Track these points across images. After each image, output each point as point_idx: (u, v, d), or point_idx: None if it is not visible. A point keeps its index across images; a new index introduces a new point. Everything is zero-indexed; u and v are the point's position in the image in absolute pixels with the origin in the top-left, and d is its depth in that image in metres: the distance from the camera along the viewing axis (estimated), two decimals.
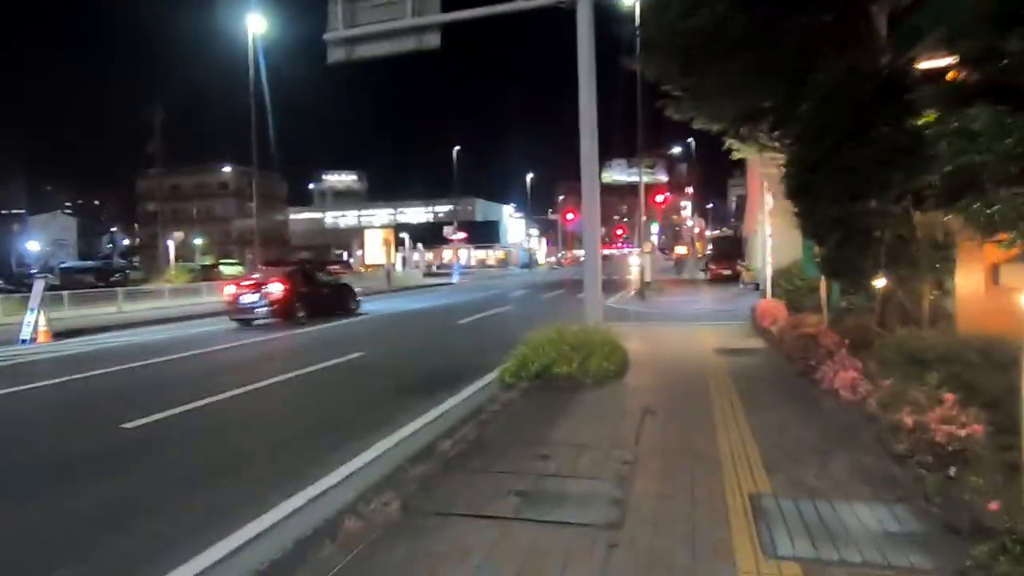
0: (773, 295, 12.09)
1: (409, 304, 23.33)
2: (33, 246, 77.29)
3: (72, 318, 18.37)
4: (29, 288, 16.84)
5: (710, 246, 58.88)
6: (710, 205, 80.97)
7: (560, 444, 4.90)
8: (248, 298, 16.01)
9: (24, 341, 14.39)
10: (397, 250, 55.64)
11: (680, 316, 16.08)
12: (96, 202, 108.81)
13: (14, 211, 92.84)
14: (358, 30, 10.38)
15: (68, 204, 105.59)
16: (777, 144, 10.15)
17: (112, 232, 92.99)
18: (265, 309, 15.83)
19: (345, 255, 64.47)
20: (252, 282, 16.48)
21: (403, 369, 9.75)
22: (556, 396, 6.55)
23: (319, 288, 17.81)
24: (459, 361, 10.07)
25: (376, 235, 62.03)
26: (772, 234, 12.78)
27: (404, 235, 53.51)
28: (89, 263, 66.97)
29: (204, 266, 54.48)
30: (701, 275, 34.69)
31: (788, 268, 12.64)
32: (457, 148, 51.90)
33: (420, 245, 53.05)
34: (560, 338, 7.46)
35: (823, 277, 8.45)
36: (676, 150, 63.12)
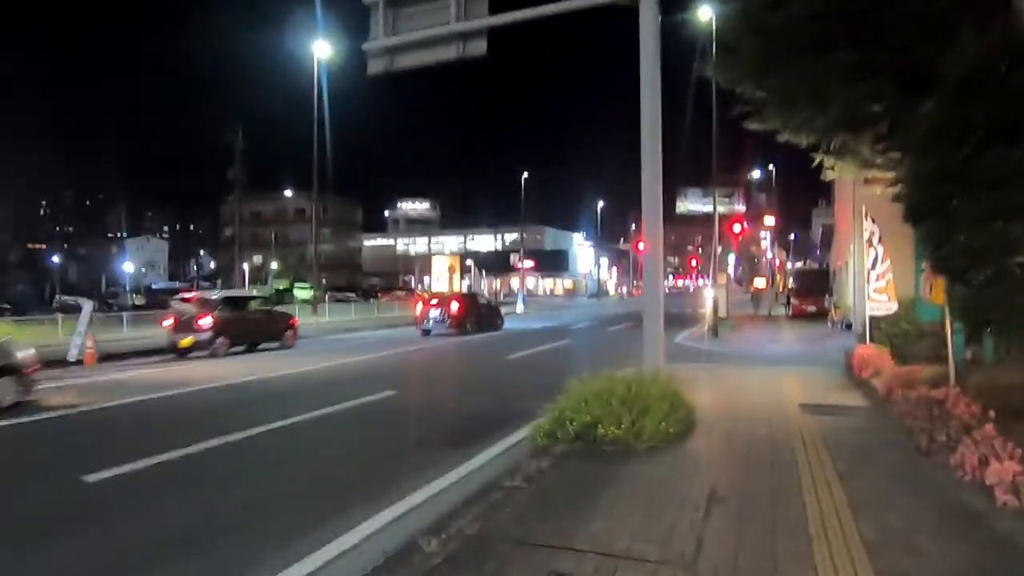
0: (872, 339, 10.23)
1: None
2: (128, 267, 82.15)
3: (122, 339, 18.27)
4: (111, 308, 17.06)
5: (792, 280, 55.44)
6: (792, 236, 76.82)
7: (588, 551, 3.54)
8: (433, 313, 21.49)
9: (73, 363, 14.20)
10: (463, 277, 55.19)
11: (758, 358, 14.26)
12: (190, 226, 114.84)
13: (115, 235, 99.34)
14: (398, 39, 9.52)
15: (165, 229, 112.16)
16: (880, 159, 8.51)
17: (200, 255, 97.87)
18: (444, 323, 21.39)
19: (412, 281, 64.79)
20: (436, 302, 22.15)
21: (433, 412, 8.60)
22: (597, 468, 5.17)
23: (480, 309, 23.63)
24: (497, 405, 8.84)
25: (443, 262, 61.96)
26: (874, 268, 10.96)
27: (470, 262, 53.00)
28: (176, 284, 70.35)
29: (279, 290, 56.03)
30: (781, 311, 32.12)
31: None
32: (525, 175, 51.16)
33: (484, 272, 52.36)
34: (610, 388, 6.09)
35: (948, 322, 6.74)
36: (756, 174, 60.20)
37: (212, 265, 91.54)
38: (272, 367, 13.14)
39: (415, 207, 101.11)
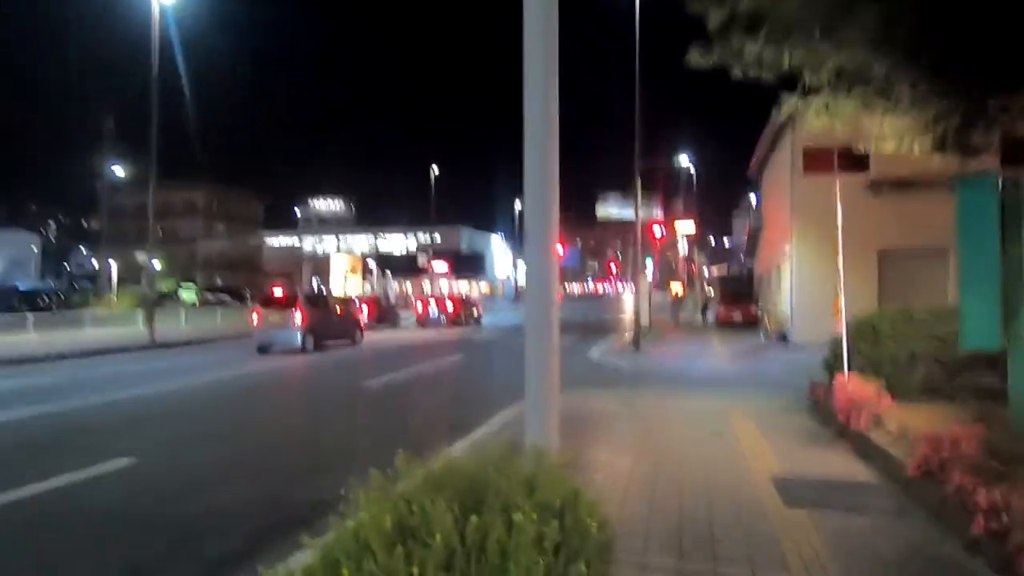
0: (851, 366, 7.44)
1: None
2: None
3: None
4: None
5: (708, 287, 54.44)
6: (711, 240, 76.96)
7: None
8: (432, 310, 29.20)
9: None
10: (364, 279, 50.83)
11: (691, 380, 11.42)
12: (81, 221, 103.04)
13: None
14: None
15: (51, 224, 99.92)
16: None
17: (83, 253, 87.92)
18: (443, 317, 28.87)
19: (316, 283, 59.69)
20: (435, 302, 29.97)
21: (157, 508, 5.04)
22: None
23: (469, 306, 31.68)
24: (266, 495, 5.40)
25: (341, 261, 57.11)
26: (843, 268, 8.28)
27: (372, 262, 48.78)
28: (42, 285, 62.01)
29: (161, 293, 49.81)
30: (690, 317, 30.09)
31: (868, 321, 8.05)
32: (435, 169, 47.62)
33: (391, 274, 48.30)
34: (426, 519, 2.75)
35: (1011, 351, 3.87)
36: (677, 169, 58.96)
37: (95, 263, 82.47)
38: None
39: (328, 205, 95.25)
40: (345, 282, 51.42)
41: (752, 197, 52.16)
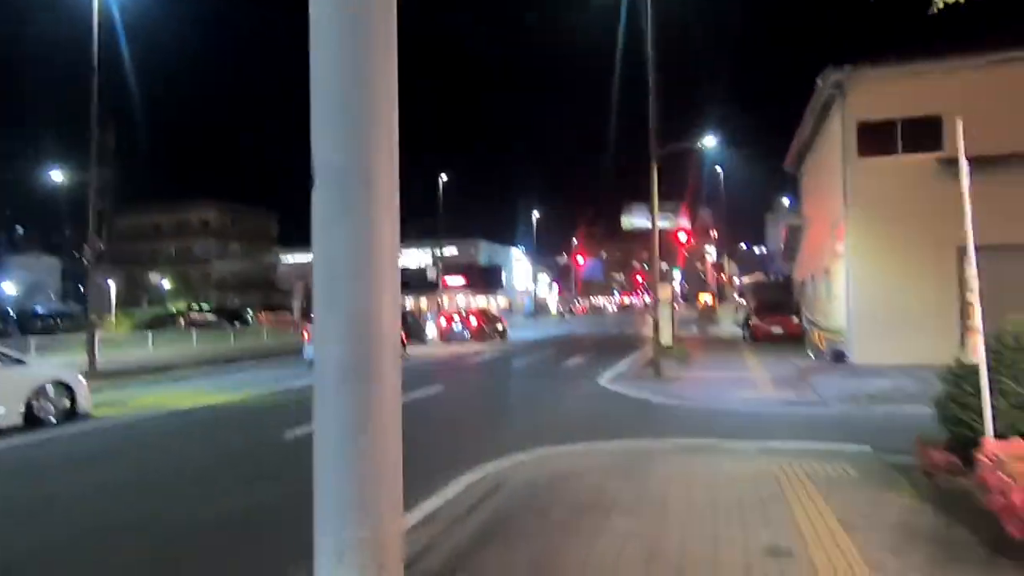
0: (997, 416, 4.47)
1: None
2: (8, 289, 72.00)
3: None
4: None
5: (740, 296, 50.63)
6: (744, 246, 73.27)
7: None
8: (456, 327, 28.92)
9: None
10: None
11: (726, 422, 8.45)
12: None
13: None
14: None
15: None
16: None
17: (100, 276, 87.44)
18: (467, 332, 28.44)
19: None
20: (459, 318, 29.68)
21: None
22: None
23: (493, 321, 30.75)
24: None
25: None
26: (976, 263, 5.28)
27: None
28: (65, 308, 61.10)
29: (171, 314, 48.06)
30: (730, 331, 26.76)
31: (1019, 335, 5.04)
32: (444, 177, 45.24)
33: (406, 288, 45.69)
34: None
35: None
36: (701, 173, 55.69)
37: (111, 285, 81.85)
38: None
39: None
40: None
41: (784, 201, 48.67)
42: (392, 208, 1.68)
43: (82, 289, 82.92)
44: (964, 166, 4.77)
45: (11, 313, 47.18)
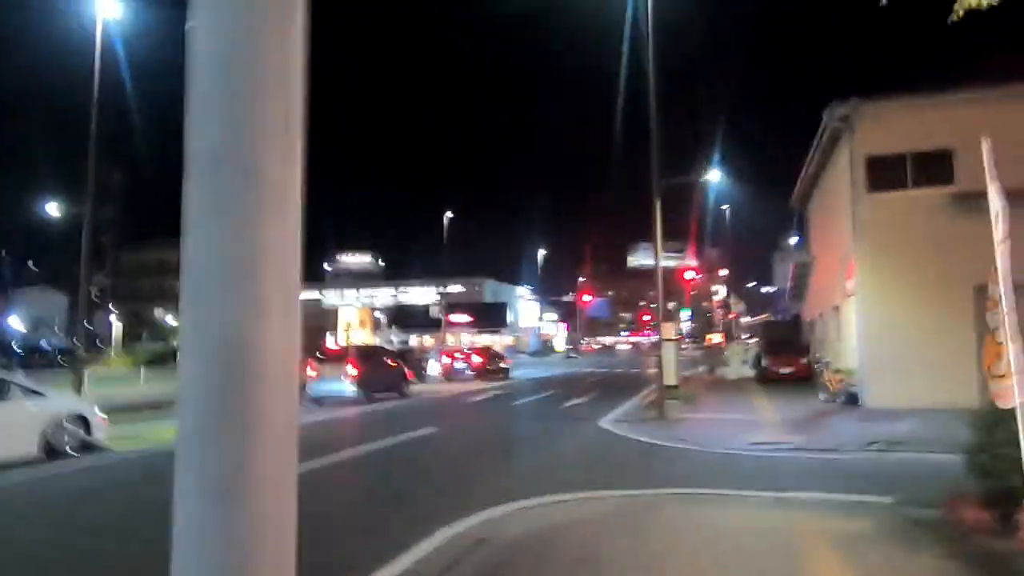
0: None
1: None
2: (15, 324, 72.03)
3: None
4: None
5: (747, 335, 49.86)
6: (754, 284, 72.67)
7: None
8: (459, 364, 29.11)
9: None
10: (374, 333, 48.10)
11: (736, 472, 7.88)
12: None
13: None
14: None
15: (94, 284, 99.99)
16: None
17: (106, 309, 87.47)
18: (470, 371, 28.75)
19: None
20: (462, 356, 30.17)
21: None
22: None
23: (496, 359, 30.64)
24: None
25: (350, 315, 54.51)
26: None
27: (379, 315, 46.15)
28: (64, 344, 61.01)
29: (173, 351, 47.86)
30: (738, 371, 25.98)
31: None
32: (448, 215, 45.24)
33: (405, 327, 45.49)
34: None
35: None
36: (705, 211, 55.54)
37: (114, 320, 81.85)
38: None
39: (356, 260, 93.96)
40: (347, 335, 48.71)
41: (791, 240, 48.34)
42: (286, 210, 1.30)
43: (88, 324, 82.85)
44: (995, 192, 4.39)
45: (14, 347, 47.12)
